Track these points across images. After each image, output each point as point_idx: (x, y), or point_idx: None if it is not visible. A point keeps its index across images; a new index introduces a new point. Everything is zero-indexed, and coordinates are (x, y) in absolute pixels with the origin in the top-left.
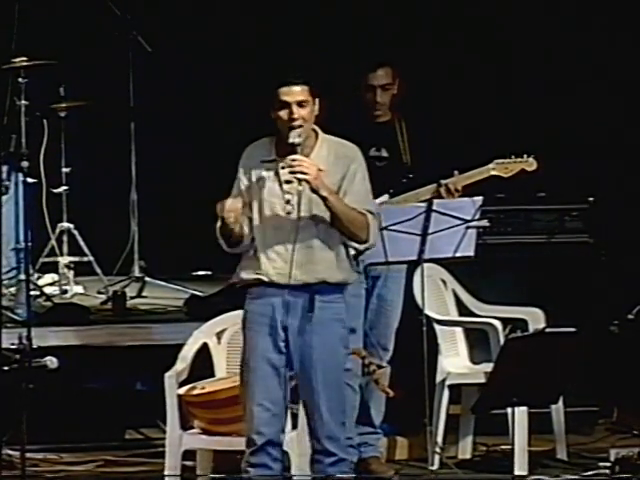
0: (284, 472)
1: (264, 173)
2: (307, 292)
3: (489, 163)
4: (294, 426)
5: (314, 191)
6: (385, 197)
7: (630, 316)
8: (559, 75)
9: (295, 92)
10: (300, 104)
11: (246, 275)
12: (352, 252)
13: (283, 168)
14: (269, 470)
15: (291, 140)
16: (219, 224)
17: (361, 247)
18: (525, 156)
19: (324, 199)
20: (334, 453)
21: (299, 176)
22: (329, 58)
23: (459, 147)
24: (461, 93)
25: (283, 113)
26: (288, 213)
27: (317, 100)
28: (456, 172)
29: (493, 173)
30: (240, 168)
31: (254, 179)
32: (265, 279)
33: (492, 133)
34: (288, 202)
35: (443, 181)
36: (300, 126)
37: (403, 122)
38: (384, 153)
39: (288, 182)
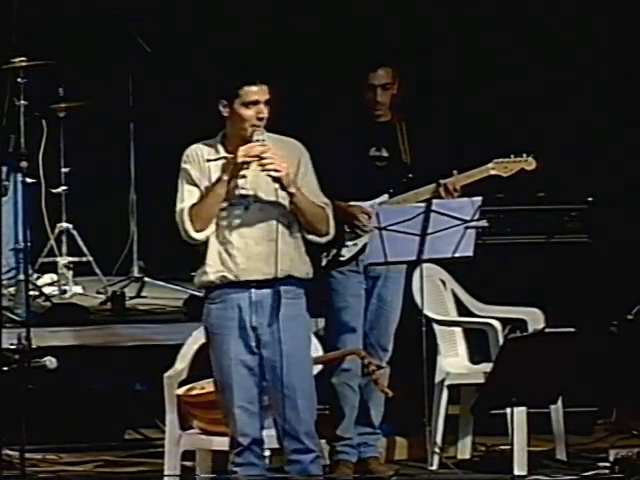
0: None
1: (213, 171)
2: (272, 288)
3: (488, 163)
4: None
5: (283, 188)
6: (385, 197)
7: (629, 316)
8: (559, 75)
9: (264, 91)
10: (266, 103)
11: (208, 277)
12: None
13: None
14: (255, 467)
15: (257, 137)
16: (213, 192)
17: (322, 240)
18: (524, 155)
19: (292, 195)
20: (313, 449)
21: (272, 173)
22: (329, 58)
23: (459, 147)
24: (461, 93)
25: (250, 112)
26: (246, 208)
27: None
28: (455, 172)
29: (492, 172)
30: (187, 164)
31: (204, 176)
32: (231, 277)
33: (492, 133)
34: (245, 197)
35: (442, 181)
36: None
37: (403, 122)
38: (384, 153)
39: (243, 177)
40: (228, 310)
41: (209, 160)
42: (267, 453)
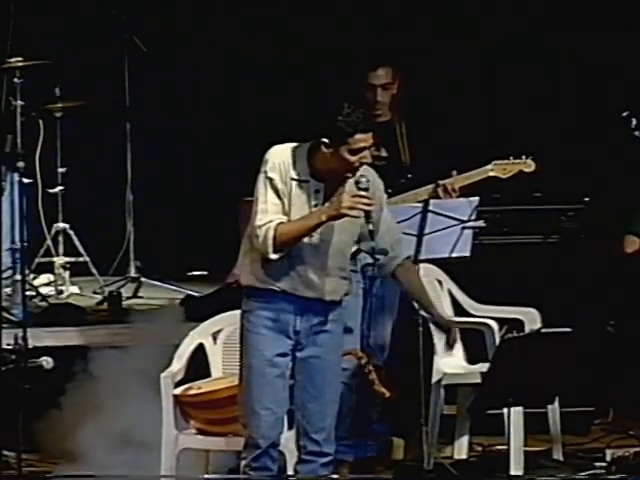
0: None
1: (294, 190)
2: (319, 302)
3: (487, 164)
4: (290, 426)
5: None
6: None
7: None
8: (558, 75)
9: (371, 137)
10: (370, 147)
11: (258, 284)
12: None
13: (317, 192)
14: (269, 472)
15: (363, 185)
16: (310, 223)
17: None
18: (523, 157)
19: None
20: (329, 454)
21: (370, 227)
22: (330, 57)
23: (458, 147)
24: (461, 93)
25: (355, 157)
26: (310, 236)
27: None
28: (454, 172)
29: (491, 174)
30: (273, 174)
31: (286, 192)
32: (278, 290)
33: (491, 133)
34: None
35: (441, 182)
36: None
37: (403, 122)
38: (383, 153)
39: (315, 205)
40: (271, 312)
41: (293, 179)
42: None
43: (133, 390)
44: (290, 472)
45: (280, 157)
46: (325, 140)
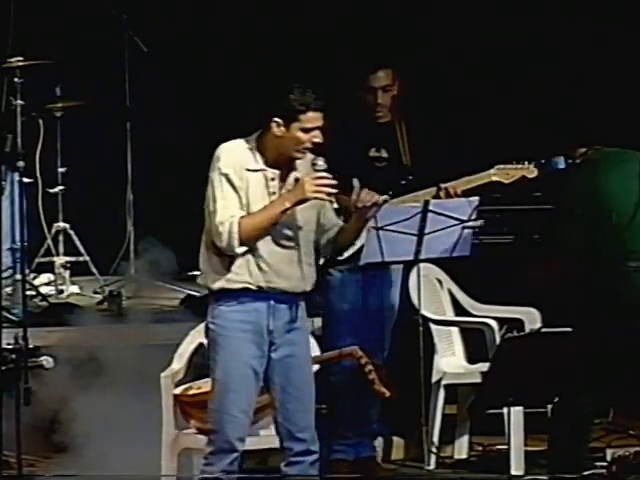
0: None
1: (250, 182)
2: (291, 296)
3: (489, 165)
4: None
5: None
6: (385, 198)
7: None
8: (558, 75)
9: (321, 117)
10: (321, 128)
11: (230, 285)
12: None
13: (273, 180)
14: (234, 475)
15: (319, 167)
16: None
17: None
18: (526, 163)
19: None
20: (315, 452)
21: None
22: (330, 59)
23: (460, 150)
24: (461, 94)
25: (307, 136)
26: (274, 224)
27: None
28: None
29: (494, 179)
30: (228, 169)
31: (243, 186)
32: (254, 288)
33: (491, 134)
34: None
35: (443, 185)
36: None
37: (403, 124)
38: (384, 154)
39: (273, 193)
40: (244, 313)
41: (248, 170)
42: None
43: (133, 389)
44: None
45: (231, 152)
46: (277, 120)
